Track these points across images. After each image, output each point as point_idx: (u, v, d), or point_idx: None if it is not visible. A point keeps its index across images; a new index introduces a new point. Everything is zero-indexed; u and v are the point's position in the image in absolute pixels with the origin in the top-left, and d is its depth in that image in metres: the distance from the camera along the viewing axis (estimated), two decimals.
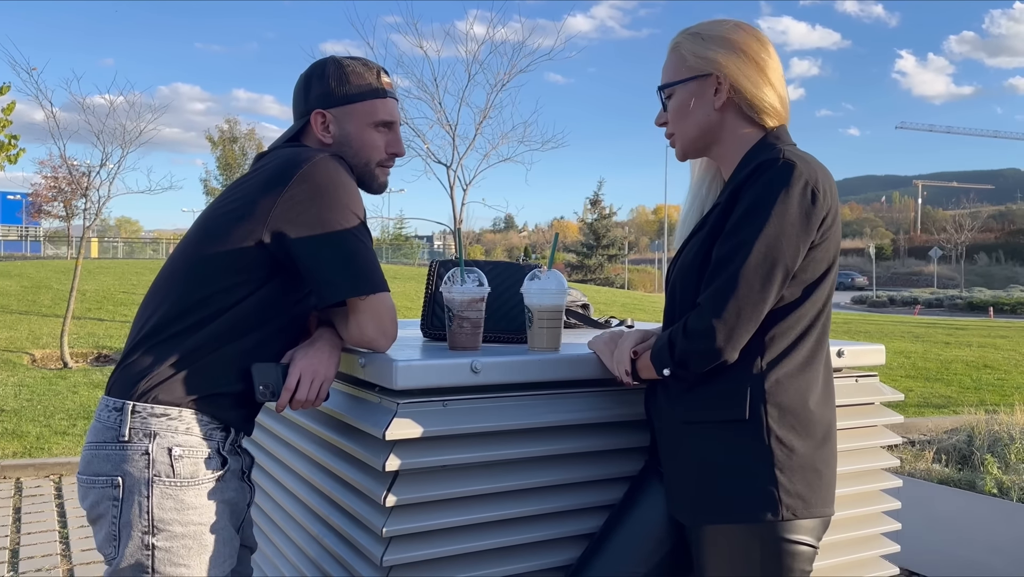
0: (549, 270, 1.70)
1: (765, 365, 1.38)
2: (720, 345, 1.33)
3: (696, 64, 1.48)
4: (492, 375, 1.54)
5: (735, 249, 1.34)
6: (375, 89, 1.65)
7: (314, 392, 1.51)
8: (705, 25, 1.51)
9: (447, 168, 11.57)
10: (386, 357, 1.50)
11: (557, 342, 1.69)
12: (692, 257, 1.43)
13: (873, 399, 2.01)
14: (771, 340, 1.38)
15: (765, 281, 1.33)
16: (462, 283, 1.66)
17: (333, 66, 1.65)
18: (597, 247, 45.89)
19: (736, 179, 1.41)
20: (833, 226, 1.40)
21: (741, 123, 1.48)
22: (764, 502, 1.35)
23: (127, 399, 1.44)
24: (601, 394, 1.66)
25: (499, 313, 1.84)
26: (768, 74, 1.47)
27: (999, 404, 7.25)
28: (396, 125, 1.70)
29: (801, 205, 1.34)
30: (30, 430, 5.97)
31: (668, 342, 1.39)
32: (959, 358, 10.50)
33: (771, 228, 1.32)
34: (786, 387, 1.38)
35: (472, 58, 11.68)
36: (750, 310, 1.33)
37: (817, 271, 1.40)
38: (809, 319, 1.41)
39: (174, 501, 1.42)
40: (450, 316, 1.66)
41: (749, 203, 1.35)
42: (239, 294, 1.48)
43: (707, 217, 1.47)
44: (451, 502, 1.51)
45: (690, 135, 1.51)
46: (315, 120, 1.64)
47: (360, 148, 1.65)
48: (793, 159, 1.35)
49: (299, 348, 1.55)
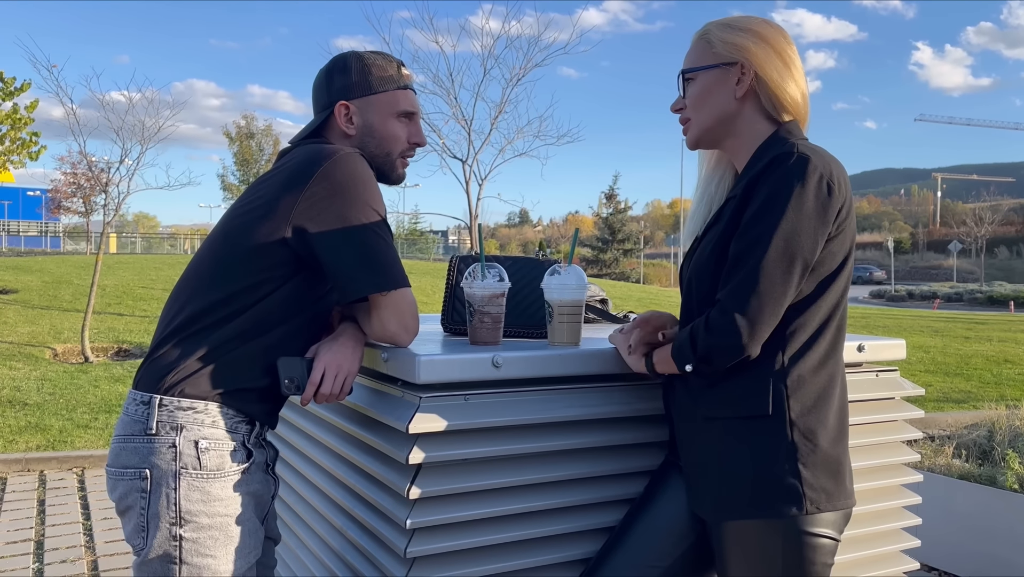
0: (569, 265, 1.71)
1: (787, 360, 1.38)
2: (744, 341, 1.33)
3: (723, 51, 1.48)
4: (513, 369, 1.55)
5: (753, 244, 1.34)
6: (396, 80, 1.68)
7: (338, 386, 1.53)
8: (734, 18, 1.53)
9: (463, 163, 11.57)
10: (408, 352, 1.52)
11: (577, 337, 1.70)
12: (708, 253, 1.44)
13: (894, 394, 2.00)
14: (791, 334, 1.39)
15: (785, 275, 1.33)
16: (483, 278, 1.67)
17: (355, 59, 1.68)
18: (612, 241, 45.74)
19: (750, 173, 1.42)
20: (848, 218, 1.40)
21: (758, 116, 1.48)
22: (788, 496, 1.35)
23: (154, 393, 1.47)
24: (620, 389, 1.67)
25: (519, 308, 1.85)
26: (792, 70, 1.48)
27: (1020, 399, 7.19)
28: (417, 116, 1.73)
29: (817, 198, 1.34)
30: (53, 424, 6.05)
31: (689, 337, 1.40)
32: (979, 353, 10.41)
33: (788, 222, 1.33)
34: (808, 381, 1.38)
35: (487, 53, 11.67)
36: (772, 304, 1.33)
37: (833, 264, 1.40)
38: (826, 312, 1.41)
39: (201, 493, 1.45)
40: (471, 311, 1.67)
41: (765, 197, 1.35)
42: (264, 291, 1.50)
43: (721, 212, 1.48)
44: (473, 495, 1.53)
45: (706, 123, 1.51)
46: (339, 112, 1.66)
47: (383, 139, 1.67)
48: (807, 152, 1.36)
49: (323, 343, 1.57)
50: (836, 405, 1.41)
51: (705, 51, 1.51)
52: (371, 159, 1.64)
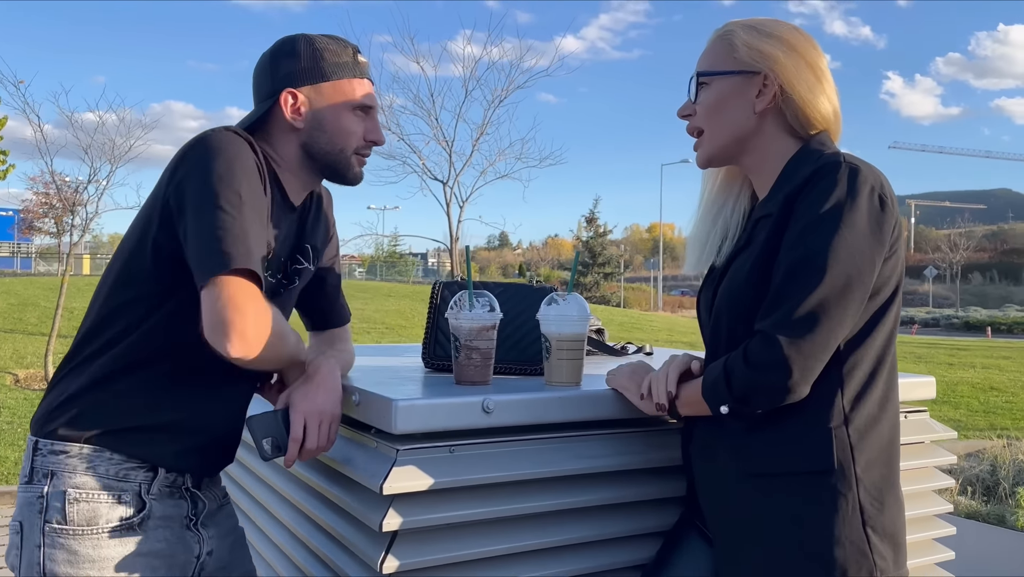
0: (569, 293, 1.50)
1: (847, 404, 1.19)
2: (794, 379, 1.13)
3: (748, 57, 1.29)
4: (506, 415, 1.33)
5: (802, 266, 1.14)
6: (352, 68, 1.46)
7: (324, 437, 1.32)
8: (761, 20, 1.34)
9: (443, 184, 11.40)
10: (384, 395, 1.29)
11: (578, 375, 1.48)
12: (744, 278, 1.24)
13: (924, 437, 1.81)
14: (848, 373, 1.19)
15: (841, 302, 1.14)
16: (470, 308, 1.45)
17: (304, 42, 1.45)
18: (593, 265, 45.72)
19: (787, 188, 1.23)
20: (900, 238, 1.23)
21: (781, 133, 1.30)
22: (857, 565, 1.14)
23: (34, 435, 1.30)
24: (630, 436, 1.45)
25: (510, 341, 1.63)
26: (824, 84, 1.30)
27: (1010, 428, 7.09)
28: (375, 111, 1.51)
29: (871, 213, 1.16)
30: (8, 455, 5.72)
31: (724, 373, 1.19)
32: (964, 380, 10.34)
33: (842, 241, 1.13)
34: (872, 429, 1.20)
35: (469, 74, 11.54)
36: (825, 337, 1.13)
37: (887, 290, 1.22)
38: (881, 347, 1.22)
39: (66, 553, 1.24)
40: (457, 346, 1.45)
41: (812, 213, 1.16)
42: (143, 308, 1.30)
43: (752, 233, 1.28)
44: (461, 566, 1.29)
45: (721, 139, 1.32)
46: (284, 100, 1.42)
47: (336, 133, 1.45)
48: (856, 163, 1.18)
49: (295, 388, 1.35)
50: (897, 456, 1.22)
51: (726, 54, 1.32)
52: (322, 156, 1.44)
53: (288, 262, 1.50)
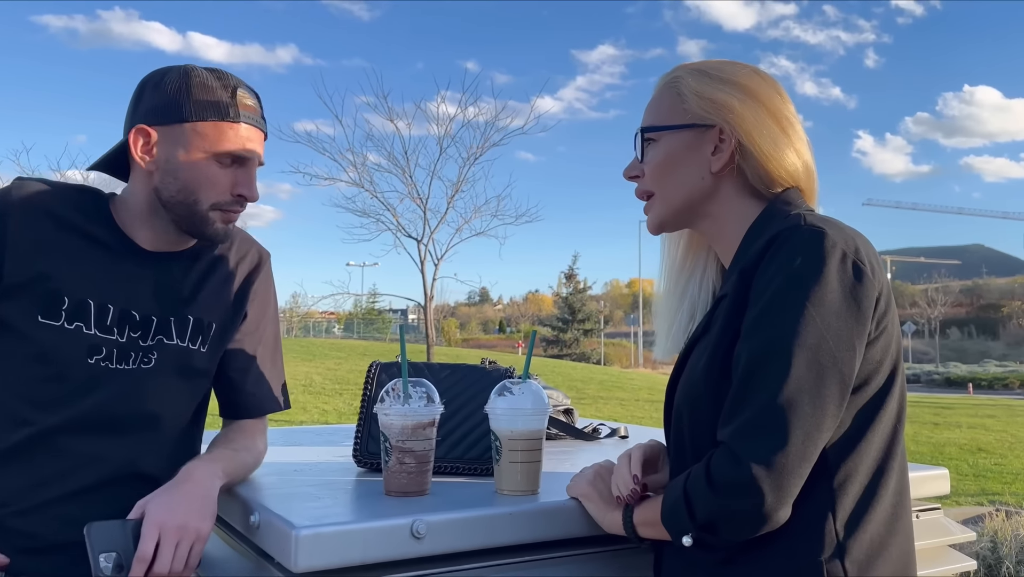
0: (524, 381, 1.26)
1: (841, 528, 0.95)
2: (769, 504, 0.90)
3: (698, 108, 1.09)
4: (443, 539, 1.07)
5: (762, 359, 0.93)
6: (224, 109, 1.25)
7: (180, 560, 1.05)
8: (714, 63, 1.14)
9: (418, 242, 11.22)
10: (283, 517, 1.03)
11: (535, 482, 1.23)
12: (701, 372, 1.02)
13: (939, 540, 1.56)
14: (841, 488, 0.96)
15: (815, 400, 0.92)
16: (404, 401, 1.20)
17: (177, 75, 1.26)
18: (573, 321, 45.60)
19: (743, 260, 1.01)
20: (889, 312, 1.00)
21: (741, 194, 1.10)
22: None
23: None
24: (597, 558, 1.19)
25: (457, 435, 1.38)
26: (791, 136, 1.09)
27: (1002, 492, 6.87)
28: (251, 162, 1.30)
29: (843, 284, 0.94)
30: None
31: (684, 496, 0.96)
32: (951, 441, 10.16)
33: (809, 323, 0.92)
34: (878, 558, 0.96)
35: (444, 132, 11.48)
36: (800, 446, 0.91)
37: (879, 377, 0.99)
38: (881, 448, 0.99)
39: None
40: (387, 448, 1.19)
41: (771, 290, 0.95)
42: None
43: (712, 316, 1.06)
44: None
45: (674, 203, 1.12)
46: (133, 139, 1.24)
47: (189, 182, 1.24)
48: (819, 224, 0.97)
49: (154, 495, 1.10)
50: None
51: (674, 105, 1.12)
52: (173, 206, 1.25)
53: (150, 323, 1.28)
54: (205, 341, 1.34)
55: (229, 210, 1.28)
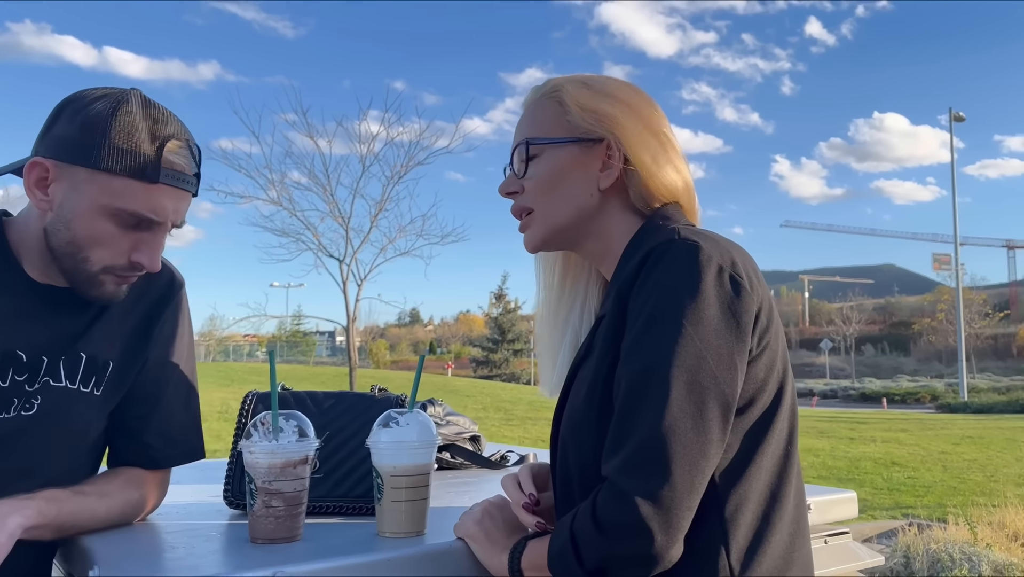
0: (410, 411, 1.16)
1: (736, 562, 0.89)
2: (659, 544, 0.83)
3: (583, 120, 1.03)
4: None
5: (640, 384, 0.87)
6: (140, 165, 1.07)
7: None
8: (594, 76, 1.08)
9: (340, 262, 10.99)
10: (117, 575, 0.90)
11: (421, 522, 1.13)
12: (583, 401, 0.95)
13: (848, 566, 1.52)
14: (732, 519, 0.90)
15: (697, 425, 0.85)
16: (274, 436, 1.08)
17: (103, 105, 1.08)
18: (503, 341, 45.53)
19: (619, 278, 0.96)
20: (771, 326, 0.94)
21: (622, 211, 1.04)
22: None
23: None
24: None
25: (342, 470, 1.27)
26: (670, 151, 1.05)
27: (915, 505, 7.04)
28: (161, 229, 1.13)
29: (721, 300, 0.88)
30: None
31: (571, 539, 0.89)
32: (866, 455, 10.41)
33: (686, 342, 0.86)
34: None
35: (367, 149, 11.32)
36: (686, 476, 0.84)
37: (766, 396, 0.93)
38: (773, 472, 0.94)
39: None
40: (252, 489, 1.07)
41: (647, 310, 0.89)
42: None
43: (592, 339, 1.00)
44: None
45: (558, 220, 1.05)
46: (28, 171, 1.07)
47: (80, 237, 1.08)
48: (693, 238, 0.91)
49: None
50: None
51: (557, 116, 1.05)
52: (59, 257, 1.09)
53: (40, 364, 1.11)
54: (100, 383, 1.17)
55: (122, 275, 1.13)
